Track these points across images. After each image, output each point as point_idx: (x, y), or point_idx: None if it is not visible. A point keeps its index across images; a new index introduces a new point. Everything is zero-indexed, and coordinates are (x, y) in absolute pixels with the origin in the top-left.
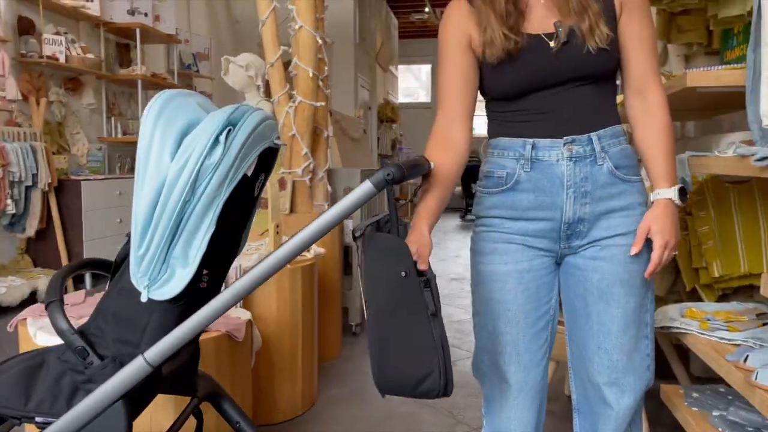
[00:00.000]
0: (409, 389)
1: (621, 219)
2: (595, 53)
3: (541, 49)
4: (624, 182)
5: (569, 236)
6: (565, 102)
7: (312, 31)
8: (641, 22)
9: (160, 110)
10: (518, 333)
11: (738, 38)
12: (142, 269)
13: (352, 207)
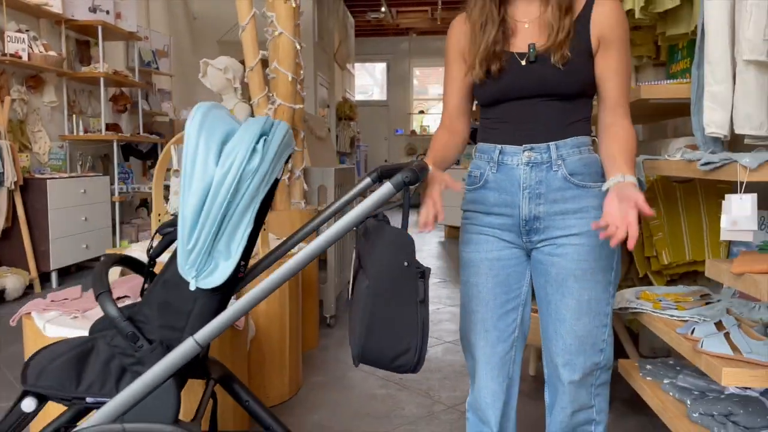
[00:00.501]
0: (386, 362)
1: (575, 220)
2: (558, 73)
3: (514, 66)
4: (578, 188)
5: (528, 231)
6: (530, 114)
7: (291, 37)
8: (618, 56)
9: (201, 122)
10: (487, 312)
11: (682, 53)
12: (190, 261)
13: (376, 205)
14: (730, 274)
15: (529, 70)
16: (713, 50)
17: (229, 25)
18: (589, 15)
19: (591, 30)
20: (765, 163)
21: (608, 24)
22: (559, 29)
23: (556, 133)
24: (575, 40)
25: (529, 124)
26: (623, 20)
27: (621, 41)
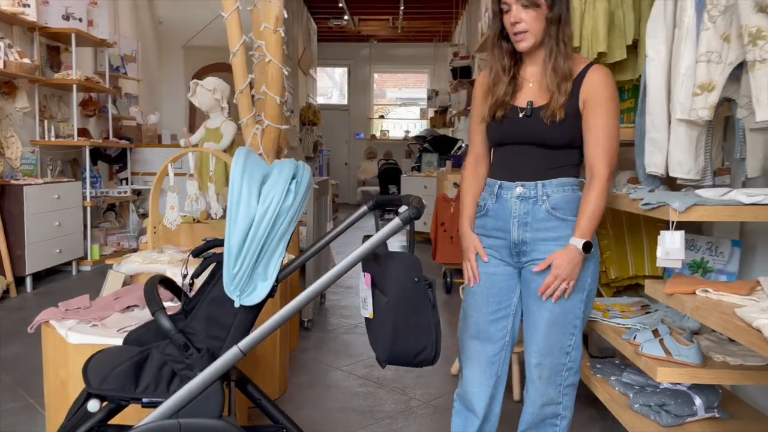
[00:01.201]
0: (409, 360)
1: (555, 246)
2: (547, 128)
3: (514, 117)
4: (559, 220)
5: (518, 253)
6: (524, 157)
7: (280, 64)
8: (597, 115)
9: (244, 166)
10: (480, 317)
11: (628, 93)
12: (235, 283)
13: (388, 236)
14: (663, 294)
15: (524, 122)
16: (652, 104)
17: (194, 30)
18: (581, 81)
19: (580, 94)
20: (691, 206)
21: (594, 89)
22: (559, 95)
23: (543, 174)
24: (567, 101)
25: (523, 165)
26: (610, 87)
27: (602, 104)
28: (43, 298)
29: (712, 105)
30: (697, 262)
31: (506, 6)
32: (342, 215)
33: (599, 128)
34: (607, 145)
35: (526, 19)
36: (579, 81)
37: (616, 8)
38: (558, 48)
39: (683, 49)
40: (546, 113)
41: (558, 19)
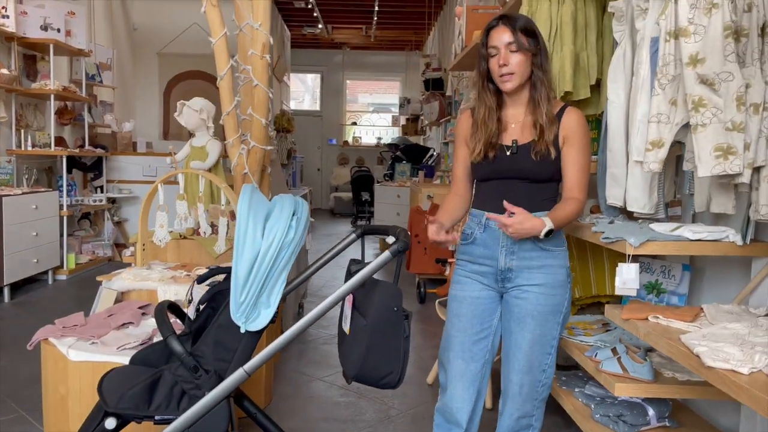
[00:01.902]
0: (375, 381)
1: (538, 274)
2: (533, 164)
3: (502, 155)
4: (542, 250)
5: (503, 279)
6: (511, 191)
7: (266, 88)
8: (577, 152)
9: (249, 203)
10: (464, 337)
11: (592, 125)
12: (241, 310)
13: (378, 268)
14: (620, 318)
15: (511, 159)
16: (613, 143)
17: (168, 37)
18: (560, 120)
19: (560, 132)
20: (645, 242)
21: (571, 128)
22: (549, 135)
23: (528, 206)
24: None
25: (510, 198)
26: (584, 125)
27: (581, 142)
28: (21, 308)
29: (661, 159)
30: (652, 283)
31: (494, 50)
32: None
33: (577, 162)
34: (583, 177)
35: (513, 62)
36: (558, 119)
37: (581, 51)
38: (546, 94)
39: (639, 98)
40: (535, 150)
41: (540, 65)
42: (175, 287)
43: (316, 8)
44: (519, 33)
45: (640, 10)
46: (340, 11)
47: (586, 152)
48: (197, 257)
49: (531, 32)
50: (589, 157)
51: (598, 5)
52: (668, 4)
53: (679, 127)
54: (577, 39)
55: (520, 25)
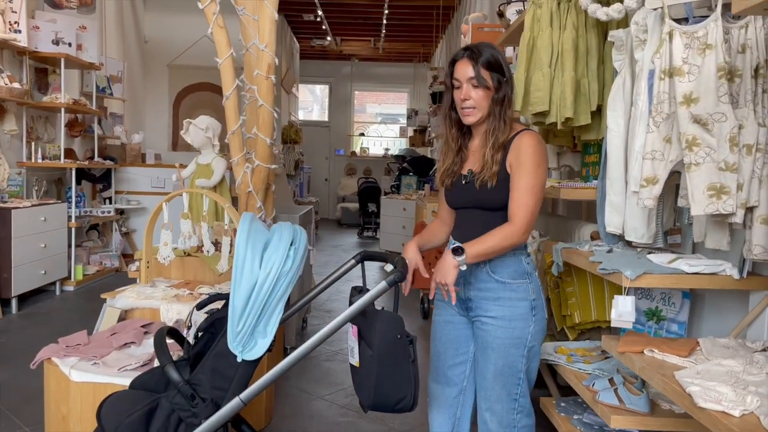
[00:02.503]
0: (390, 408)
1: (494, 306)
2: (483, 191)
3: (459, 184)
4: (497, 282)
5: (466, 308)
6: (470, 220)
7: (270, 108)
8: (520, 175)
9: (248, 233)
10: (441, 362)
11: (594, 148)
12: (238, 339)
13: (375, 298)
14: (617, 351)
15: (465, 188)
16: (612, 171)
17: (179, 50)
18: (508, 147)
19: (507, 159)
20: (641, 275)
21: (518, 153)
22: (492, 164)
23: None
24: (498, 170)
25: (469, 228)
26: (531, 148)
27: (524, 165)
28: (28, 320)
29: (656, 196)
30: (652, 310)
31: (458, 83)
32: (322, 232)
33: (521, 186)
34: (525, 200)
35: (474, 98)
36: (507, 148)
37: (582, 77)
38: (499, 126)
39: (638, 129)
40: (477, 179)
41: (502, 99)
42: (178, 306)
43: (324, 21)
44: (481, 68)
45: (639, 41)
46: (349, 24)
47: (532, 176)
48: (201, 274)
49: (495, 66)
50: (537, 181)
51: (600, 32)
52: (663, 43)
53: (674, 164)
54: (578, 65)
55: (484, 60)
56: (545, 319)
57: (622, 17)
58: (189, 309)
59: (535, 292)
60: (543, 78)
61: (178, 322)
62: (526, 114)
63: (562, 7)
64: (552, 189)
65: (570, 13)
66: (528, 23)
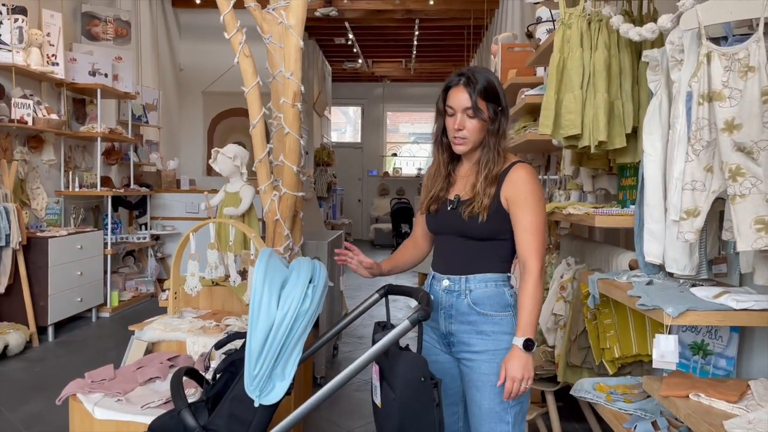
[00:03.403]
0: None
1: (477, 340)
2: (472, 222)
3: (444, 209)
4: (479, 314)
5: (448, 344)
6: (452, 249)
7: (297, 136)
8: (523, 213)
9: (265, 270)
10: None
11: (630, 171)
12: (255, 383)
13: (397, 338)
14: (659, 395)
15: (451, 214)
16: (650, 197)
17: (212, 76)
18: (503, 180)
19: (502, 192)
20: (684, 312)
21: (516, 188)
22: (483, 197)
23: (469, 268)
24: (490, 203)
25: (452, 257)
26: (530, 182)
27: (525, 202)
28: (64, 348)
29: (697, 229)
30: (698, 344)
31: (451, 111)
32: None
33: (526, 226)
34: (536, 240)
35: (469, 128)
36: (501, 180)
37: (615, 99)
38: (493, 157)
39: (676, 154)
40: (465, 210)
41: (497, 131)
42: (204, 339)
43: (356, 44)
44: (478, 97)
45: (675, 61)
46: (380, 46)
47: (536, 213)
48: (228, 304)
49: (492, 95)
50: (541, 218)
51: (633, 52)
52: (700, 65)
53: (716, 195)
54: (612, 87)
55: (480, 88)
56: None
57: (655, 37)
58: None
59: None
60: (574, 100)
61: (203, 355)
62: (558, 138)
63: (593, 27)
64: (587, 216)
65: (601, 33)
66: (557, 44)
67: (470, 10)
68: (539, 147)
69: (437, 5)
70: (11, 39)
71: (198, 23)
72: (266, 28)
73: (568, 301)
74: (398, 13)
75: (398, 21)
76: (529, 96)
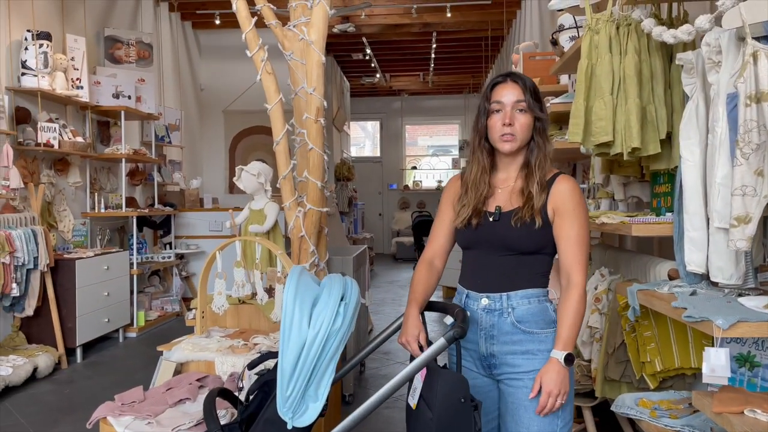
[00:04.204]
0: None
1: (523, 360)
2: (515, 233)
3: (485, 222)
4: (525, 333)
5: (488, 366)
6: (490, 264)
7: (320, 151)
8: (570, 224)
9: (296, 289)
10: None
11: (664, 178)
12: (288, 405)
13: (433, 356)
14: (711, 411)
15: (492, 226)
16: (690, 204)
17: (233, 95)
18: (549, 190)
19: (548, 203)
20: (735, 323)
21: (563, 199)
22: (537, 201)
23: (509, 285)
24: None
25: (489, 274)
26: (577, 195)
27: (573, 213)
28: (92, 369)
29: (749, 236)
30: (744, 355)
31: (498, 105)
32: (378, 268)
33: (572, 237)
34: (581, 254)
35: (520, 123)
36: (547, 189)
37: (648, 104)
38: (544, 159)
39: (717, 159)
40: (517, 217)
41: (543, 131)
42: (233, 359)
43: (373, 59)
44: (528, 93)
45: (713, 63)
46: (397, 60)
47: (582, 226)
48: (256, 322)
49: (538, 96)
50: (586, 231)
51: (665, 55)
52: (746, 65)
53: None
54: (643, 92)
55: (530, 86)
56: (573, 370)
57: (692, 39)
58: (243, 361)
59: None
60: (605, 107)
61: (233, 375)
62: (588, 145)
63: (621, 32)
64: (622, 225)
65: (630, 37)
66: (585, 50)
67: (488, 22)
68: (565, 156)
69: (454, 18)
70: (36, 64)
71: (218, 44)
72: (287, 45)
73: (604, 313)
74: (415, 27)
75: (415, 35)
76: (554, 104)
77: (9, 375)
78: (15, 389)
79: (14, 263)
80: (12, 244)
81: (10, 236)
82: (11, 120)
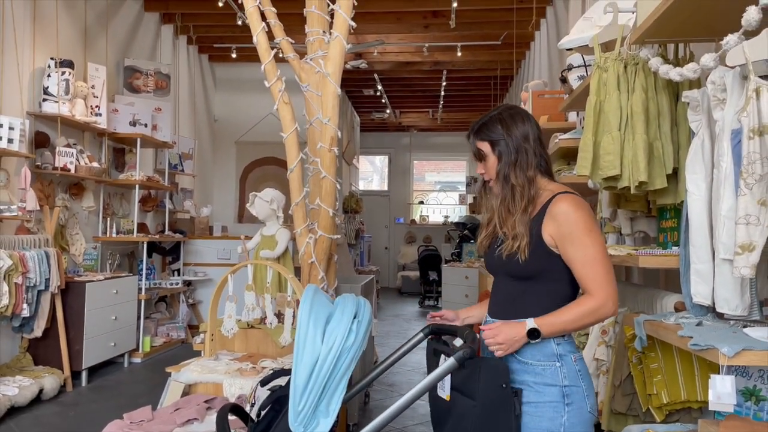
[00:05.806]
0: None
1: (524, 391)
2: (511, 260)
3: (493, 246)
4: (519, 363)
5: None
6: (500, 290)
7: (333, 180)
8: (573, 247)
9: (311, 306)
10: None
11: (670, 213)
12: (299, 419)
13: (442, 376)
14: None
15: (496, 252)
16: (696, 237)
17: (246, 127)
18: (543, 214)
19: (543, 228)
20: (740, 351)
21: (556, 225)
22: (521, 237)
23: (512, 311)
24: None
25: (499, 299)
26: (576, 214)
27: (574, 235)
28: (97, 393)
29: (753, 264)
30: (749, 389)
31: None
32: (383, 301)
33: (579, 260)
34: (594, 272)
35: (485, 169)
36: (542, 213)
37: (655, 140)
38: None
39: (723, 192)
40: (504, 250)
41: (513, 162)
42: (241, 381)
43: (384, 95)
44: (475, 141)
45: (718, 100)
46: (408, 97)
47: (586, 245)
48: (264, 347)
49: (485, 131)
50: (594, 246)
51: (671, 93)
52: (750, 100)
53: None
54: (650, 128)
55: (474, 132)
56: (590, 413)
57: (697, 77)
58: (251, 384)
59: (570, 377)
60: (613, 141)
61: (240, 397)
62: (596, 179)
63: (629, 70)
64: (629, 257)
65: (638, 76)
66: (594, 87)
67: (497, 61)
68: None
69: (465, 56)
70: (58, 91)
71: (232, 76)
72: (304, 77)
73: (610, 345)
74: (426, 65)
75: (426, 72)
76: (563, 140)
77: (15, 395)
78: (20, 410)
79: (26, 284)
80: (25, 265)
81: (23, 257)
82: (30, 144)
